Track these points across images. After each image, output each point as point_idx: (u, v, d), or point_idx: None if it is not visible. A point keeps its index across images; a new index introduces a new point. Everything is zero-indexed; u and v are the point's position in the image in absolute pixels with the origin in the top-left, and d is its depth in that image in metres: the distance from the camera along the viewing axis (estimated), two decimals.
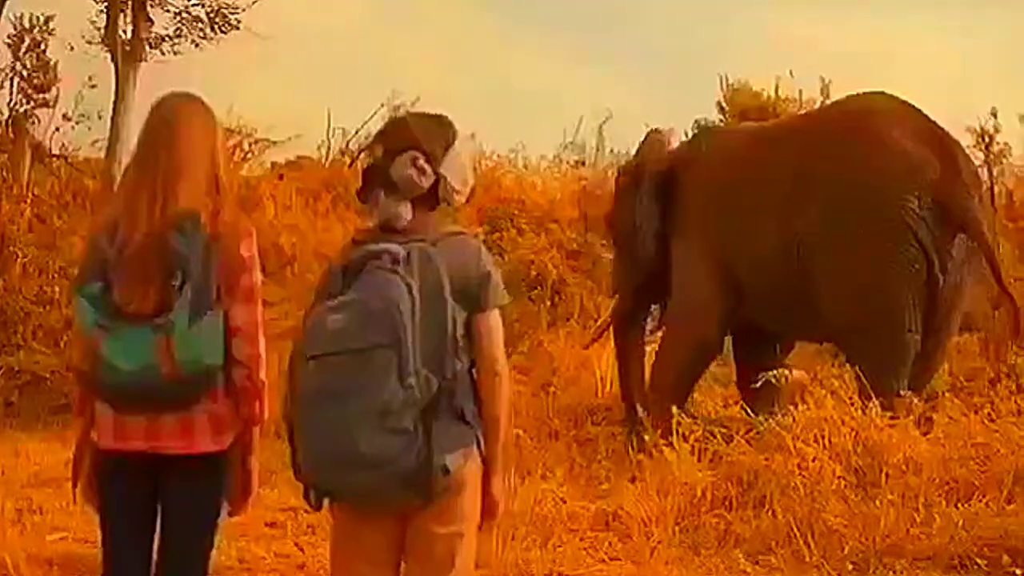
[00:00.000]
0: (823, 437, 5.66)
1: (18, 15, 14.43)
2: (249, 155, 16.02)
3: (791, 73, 14.92)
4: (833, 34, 24.66)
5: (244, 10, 14.13)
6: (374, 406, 2.70)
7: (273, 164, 16.31)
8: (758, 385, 7.20)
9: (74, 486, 3.15)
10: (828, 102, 11.74)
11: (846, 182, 6.72)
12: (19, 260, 11.28)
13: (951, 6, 23.87)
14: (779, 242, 6.98)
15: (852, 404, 5.90)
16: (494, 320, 2.95)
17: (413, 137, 2.98)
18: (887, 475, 5.41)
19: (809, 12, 25.86)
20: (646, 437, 6.51)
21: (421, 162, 2.94)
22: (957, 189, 6.55)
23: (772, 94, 14.89)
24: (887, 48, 23.58)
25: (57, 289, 10.73)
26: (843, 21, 25.78)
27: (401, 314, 2.73)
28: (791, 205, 6.93)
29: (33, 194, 12.74)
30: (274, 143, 16.04)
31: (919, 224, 6.50)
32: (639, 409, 7.69)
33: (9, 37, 14.35)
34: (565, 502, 5.90)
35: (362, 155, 3.11)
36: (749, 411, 6.47)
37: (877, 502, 5.12)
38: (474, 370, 2.91)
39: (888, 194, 6.55)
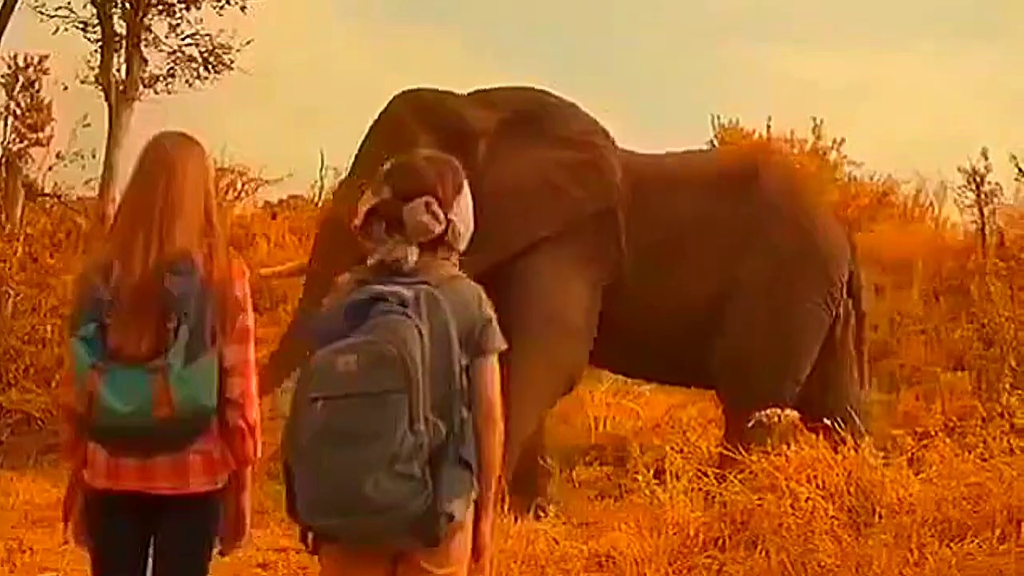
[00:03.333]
0: (816, 477, 5.64)
1: (12, 54, 14.46)
2: (242, 194, 16.10)
3: (771, 119, 15.13)
4: (824, 73, 24.89)
5: (238, 50, 14.16)
6: (386, 451, 2.66)
7: (266, 203, 16.39)
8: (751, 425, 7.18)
9: (65, 525, 3.13)
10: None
11: (799, 242, 7.61)
12: (10, 299, 11.22)
13: (943, 45, 24.10)
14: (711, 285, 7.40)
15: (844, 444, 5.90)
16: (493, 365, 2.93)
17: (428, 182, 2.93)
18: (880, 515, 5.39)
19: (800, 50, 26.07)
20: (639, 477, 6.49)
21: (435, 208, 2.89)
22: (859, 268, 7.93)
23: (763, 133, 15.04)
24: (878, 87, 23.77)
25: (49, 328, 10.67)
26: (834, 60, 26.01)
27: (413, 359, 2.70)
28: (734, 252, 7.48)
29: (25, 233, 12.70)
30: (267, 182, 16.14)
31: (844, 289, 7.68)
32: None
33: (3, 76, 14.35)
34: (558, 542, 5.87)
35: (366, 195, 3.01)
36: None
37: (870, 542, 5.10)
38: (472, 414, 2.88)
39: (835, 261, 7.70)
